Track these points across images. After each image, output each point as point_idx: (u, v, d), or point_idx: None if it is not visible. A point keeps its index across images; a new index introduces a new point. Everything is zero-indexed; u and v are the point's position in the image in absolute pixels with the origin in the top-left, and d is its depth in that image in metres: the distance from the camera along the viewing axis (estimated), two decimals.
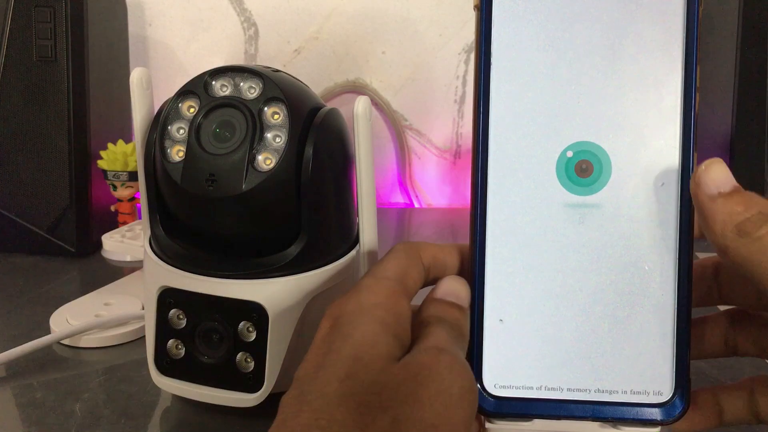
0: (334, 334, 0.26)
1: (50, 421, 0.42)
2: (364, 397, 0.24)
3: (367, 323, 0.26)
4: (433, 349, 0.26)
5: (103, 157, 0.72)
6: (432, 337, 0.27)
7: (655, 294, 0.28)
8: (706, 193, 0.26)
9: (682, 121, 0.28)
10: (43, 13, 0.68)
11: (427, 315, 0.28)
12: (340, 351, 0.25)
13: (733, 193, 0.26)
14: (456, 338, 0.27)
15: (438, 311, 0.28)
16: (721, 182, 0.26)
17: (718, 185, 0.26)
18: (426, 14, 0.92)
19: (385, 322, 0.26)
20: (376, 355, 0.25)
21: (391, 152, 0.96)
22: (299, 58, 0.93)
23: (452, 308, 0.29)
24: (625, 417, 0.28)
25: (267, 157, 0.37)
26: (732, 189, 0.26)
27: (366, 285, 0.28)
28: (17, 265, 0.69)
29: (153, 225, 0.41)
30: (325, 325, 0.27)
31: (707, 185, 0.26)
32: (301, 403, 0.24)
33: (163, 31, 0.92)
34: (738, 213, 0.26)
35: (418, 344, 0.27)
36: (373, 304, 0.27)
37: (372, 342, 0.25)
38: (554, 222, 0.28)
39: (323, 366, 0.25)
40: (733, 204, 0.26)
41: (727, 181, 0.26)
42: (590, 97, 0.28)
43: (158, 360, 0.40)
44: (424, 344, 0.26)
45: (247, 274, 0.38)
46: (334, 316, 0.27)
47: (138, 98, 0.40)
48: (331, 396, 0.24)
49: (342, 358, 0.25)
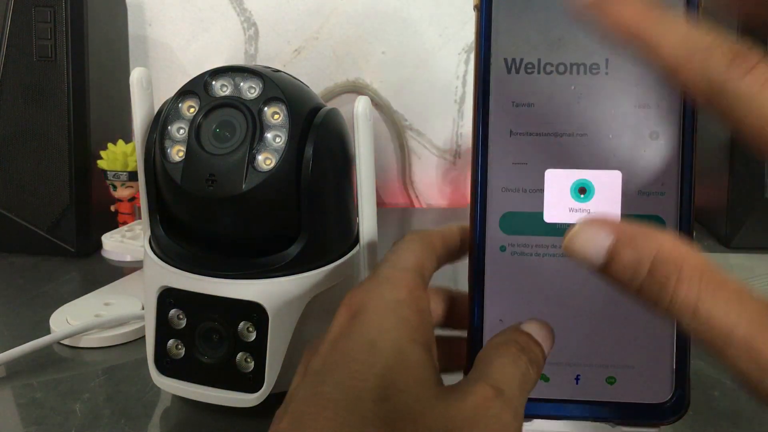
0: (356, 333, 0.25)
1: (50, 421, 0.42)
2: (400, 424, 0.22)
3: (393, 328, 0.24)
4: (490, 389, 0.24)
5: (103, 157, 0.72)
6: (498, 370, 0.24)
7: None
8: (592, 268, 0.21)
9: (682, 121, 0.28)
10: (43, 13, 0.68)
11: (507, 339, 0.26)
12: (370, 365, 0.23)
13: (610, 264, 0.21)
14: (525, 378, 0.25)
15: (521, 341, 0.26)
16: (591, 257, 0.21)
17: (590, 263, 0.21)
18: (426, 14, 0.92)
19: (412, 325, 0.25)
20: (412, 381, 0.23)
21: (391, 152, 0.96)
22: (299, 58, 0.93)
23: (536, 346, 0.26)
24: (625, 417, 0.28)
25: (267, 157, 0.37)
26: (605, 259, 0.21)
27: (386, 276, 0.27)
28: (17, 265, 0.69)
29: (153, 225, 0.41)
30: (343, 316, 0.26)
31: (584, 265, 0.21)
32: (319, 406, 0.23)
33: (163, 31, 0.92)
34: (629, 285, 0.21)
35: (482, 368, 0.25)
36: (397, 301, 0.25)
37: (404, 362, 0.24)
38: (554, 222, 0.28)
39: (351, 376, 0.23)
40: (619, 275, 0.21)
41: (597, 251, 0.21)
42: (590, 96, 0.28)
43: (158, 360, 0.40)
44: (486, 373, 0.24)
45: (247, 274, 0.38)
46: (354, 309, 0.25)
47: (138, 98, 0.40)
48: (365, 414, 0.22)
49: (375, 375, 0.23)
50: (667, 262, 0.20)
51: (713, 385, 0.46)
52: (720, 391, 0.45)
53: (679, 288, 0.20)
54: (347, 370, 0.24)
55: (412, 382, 0.23)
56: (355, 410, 0.22)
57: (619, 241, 0.21)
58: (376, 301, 0.25)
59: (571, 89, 0.28)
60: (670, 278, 0.20)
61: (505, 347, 0.26)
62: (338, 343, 0.25)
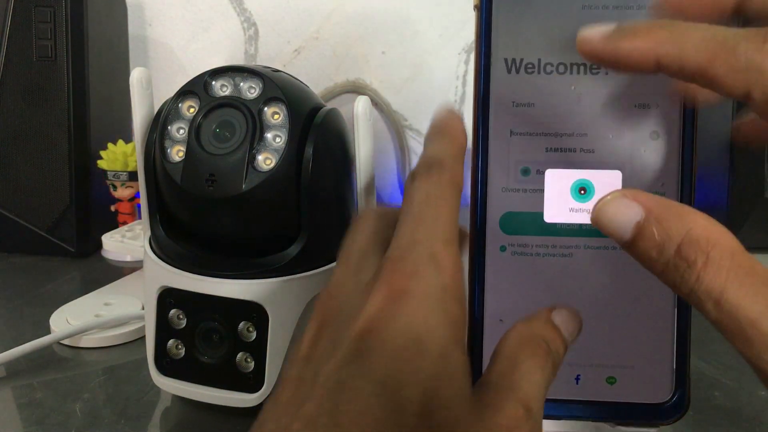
0: (401, 323, 0.21)
1: (50, 421, 0.42)
2: (442, 422, 0.20)
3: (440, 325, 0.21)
4: (521, 408, 0.22)
5: (103, 157, 0.72)
6: (526, 379, 0.23)
7: (655, 294, 0.28)
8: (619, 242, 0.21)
9: (682, 121, 0.28)
10: (43, 13, 0.68)
11: (536, 336, 0.24)
12: (416, 370, 0.20)
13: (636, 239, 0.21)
14: (548, 386, 0.23)
15: (550, 339, 0.24)
16: (618, 230, 0.21)
17: (617, 236, 0.21)
18: (426, 14, 0.92)
19: (456, 321, 0.22)
20: (453, 393, 0.21)
21: (391, 152, 0.96)
22: (299, 58, 0.93)
23: (562, 345, 0.24)
24: (625, 417, 0.28)
25: (267, 157, 0.37)
26: (632, 234, 0.20)
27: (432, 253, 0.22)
28: (17, 265, 0.69)
29: (153, 225, 0.41)
30: (383, 294, 0.21)
31: (611, 237, 0.21)
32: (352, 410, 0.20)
33: (163, 31, 0.92)
34: (654, 263, 0.20)
35: (509, 373, 0.23)
36: (443, 288, 0.22)
37: (448, 369, 0.21)
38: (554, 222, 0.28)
39: (395, 378, 0.20)
40: (644, 252, 0.20)
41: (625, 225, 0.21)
42: (590, 96, 0.28)
43: (158, 360, 0.40)
44: (515, 384, 0.22)
45: (247, 274, 0.38)
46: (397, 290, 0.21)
47: (138, 98, 0.40)
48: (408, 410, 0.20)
49: (419, 384, 0.20)
50: (695, 243, 0.19)
51: (713, 385, 0.46)
52: (720, 391, 0.45)
53: (705, 272, 0.19)
54: (390, 369, 0.20)
55: (453, 395, 0.21)
56: (395, 424, 0.19)
57: (649, 217, 0.20)
58: (423, 286, 0.21)
59: (571, 89, 0.28)
60: (697, 261, 0.19)
61: (534, 347, 0.23)
62: (378, 329, 0.21)
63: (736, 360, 0.50)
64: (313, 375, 0.21)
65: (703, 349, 0.51)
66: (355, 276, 0.24)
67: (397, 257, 0.22)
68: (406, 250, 0.22)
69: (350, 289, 0.24)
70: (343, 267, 0.25)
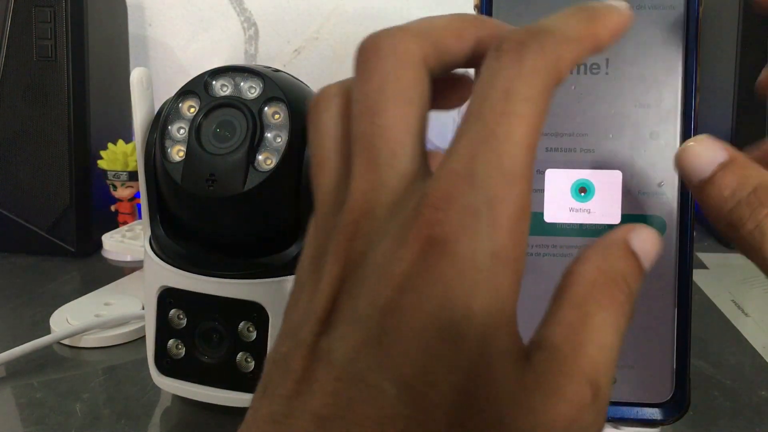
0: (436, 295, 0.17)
1: (50, 421, 0.42)
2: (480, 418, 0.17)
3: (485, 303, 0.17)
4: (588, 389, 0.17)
5: (103, 157, 0.72)
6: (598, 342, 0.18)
7: (655, 294, 0.28)
8: (690, 185, 0.22)
9: (682, 121, 0.28)
10: (43, 13, 0.68)
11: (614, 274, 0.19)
12: (449, 365, 0.17)
13: (719, 175, 0.21)
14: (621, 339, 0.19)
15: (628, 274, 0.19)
16: (701, 166, 0.22)
17: (697, 172, 0.22)
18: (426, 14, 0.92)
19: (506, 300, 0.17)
20: (493, 393, 0.17)
21: None
22: (299, 58, 0.93)
23: (640, 278, 0.19)
24: (625, 417, 0.28)
25: (267, 157, 0.37)
26: (715, 170, 0.21)
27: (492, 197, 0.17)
28: (17, 265, 0.69)
29: (153, 225, 0.41)
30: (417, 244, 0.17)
31: (686, 175, 0.22)
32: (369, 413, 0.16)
33: (163, 31, 0.92)
34: (724, 201, 0.21)
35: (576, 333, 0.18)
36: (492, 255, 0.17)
37: (489, 357, 0.17)
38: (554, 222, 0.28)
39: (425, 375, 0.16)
40: (719, 190, 0.21)
41: (709, 162, 0.22)
42: (590, 96, 0.28)
43: (158, 360, 0.40)
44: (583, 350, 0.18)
45: (247, 274, 0.38)
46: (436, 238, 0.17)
47: (138, 98, 0.40)
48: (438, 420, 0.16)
49: (453, 385, 0.16)
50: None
51: (713, 385, 0.46)
52: (720, 391, 0.45)
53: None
54: (418, 367, 0.16)
55: (493, 395, 0.17)
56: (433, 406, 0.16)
57: (733, 161, 0.22)
58: (468, 247, 0.17)
59: (571, 89, 0.28)
60: (765, 205, 0.21)
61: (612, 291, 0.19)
62: (404, 309, 0.17)
63: (736, 360, 0.50)
64: (328, 350, 0.17)
65: (703, 349, 0.51)
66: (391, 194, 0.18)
67: (441, 196, 0.17)
68: (456, 186, 0.17)
69: (382, 220, 0.18)
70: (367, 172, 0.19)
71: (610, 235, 0.20)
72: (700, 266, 0.68)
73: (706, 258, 0.70)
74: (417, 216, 0.17)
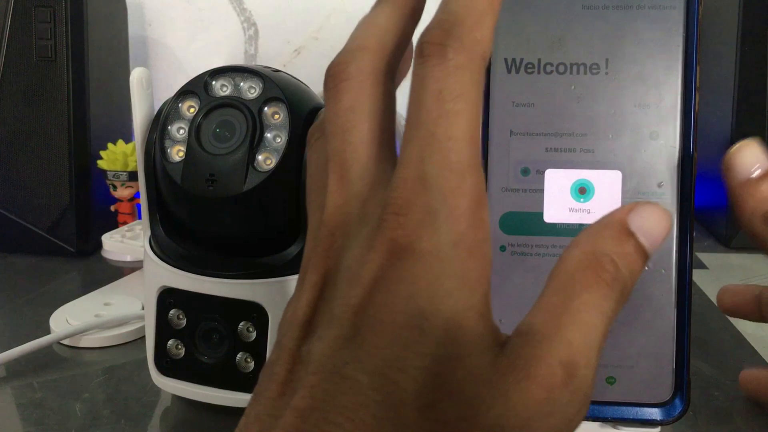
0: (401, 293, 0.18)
1: (50, 421, 0.42)
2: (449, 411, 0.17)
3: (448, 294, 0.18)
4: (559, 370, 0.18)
5: (103, 157, 0.72)
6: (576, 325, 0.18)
7: (654, 294, 0.28)
8: (737, 178, 0.25)
9: (682, 121, 0.28)
10: (43, 13, 0.68)
11: (600, 255, 0.19)
12: (417, 353, 0.17)
13: (765, 176, 0.24)
14: (610, 319, 0.19)
15: (620, 252, 0.19)
16: (751, 165, 0.25)
17: (749, 169, 0.25)
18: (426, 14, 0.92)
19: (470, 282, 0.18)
20: (464, 376, 0.18)
21: None
22: (299, 58, 0.93)
23: (639, 259, 0.19)
24: (625, 417, 0.28)
25: (267, 157, 0.37)
26: (763, 172, 0.24)
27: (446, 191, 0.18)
28: (17, 265, 0.69)
29: (153, 225, 0.41)
30: (383, 252, 0.18)
31: (737, 169, 0.25)
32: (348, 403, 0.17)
33: (163, 31, 0.92)
34: (766, 199, 0.24)
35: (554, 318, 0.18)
36: (453, 245, 0.18)
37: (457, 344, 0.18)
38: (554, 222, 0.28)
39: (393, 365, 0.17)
40: (764, 189, 0.24)
41: (759, 163, 0.24)
42: (590, 96, 0.28)
43: (158, 360, 0.40)
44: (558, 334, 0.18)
45: (247, 274, 0.38)
46: (400, 246, 0.18)
47: (138, 98, 0.40)
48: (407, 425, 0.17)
49: (422, 370, 0.17)
50: None
51: (713, 385, 0.46)
52: (720, 391, 0.45)
53: None
54: (388, 356, 0.17)
55: (464, 378, 0.18)
56: (394, 419, 0.17)
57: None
58: (430, 241, 0.18)
59: (571, 89, 0.28)
60: None
61: (596, 272, 0.19)
62: (374, 304, 0.18)
63: (736, 360, 0.50)
64: (308, 352, 0.19)
65: (703, 349, 0.51)
66: (360, 204, 0.20)
67: (400, 203, 0.18)
68: (412, 191, 0.18)
69: (354, 230, 0.20)
70: (339, 187, 0.20)
71: (607, 215, 0.20)
72: (700, 266, 0.68)
73: (706, 258, 0.70)
74: (381, 223, 0.18)
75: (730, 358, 0.50)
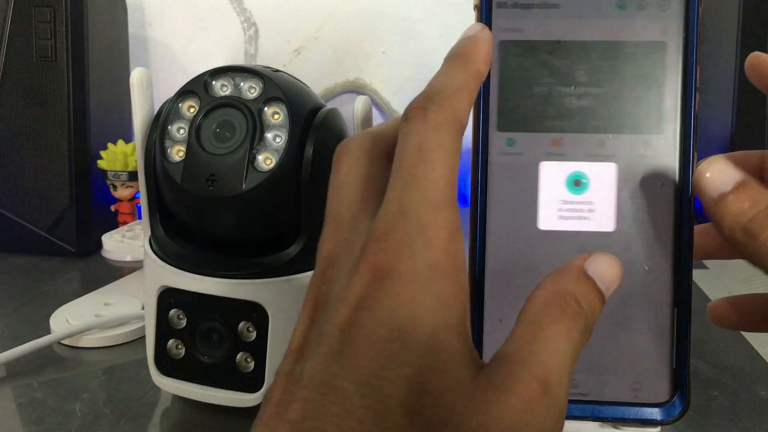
0: (383, 311, 0.20)
1: (50, 421, 0.42)
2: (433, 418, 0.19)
3: (427, 312, 0.20)
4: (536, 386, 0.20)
5: (103, 157, 0.72)
6: (547, 349, 0.20)
7: (654, 294, 0.28)
8: (710, 198, 0.25)
9: (682, 121, 0.28)
10: (43, 13, 0.68)
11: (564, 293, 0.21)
12: (400, 364, 0.19)
13: (737, 190, 0.24)
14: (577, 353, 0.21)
15: (582, 295, 0.22)
16: (721, 182, 0.24)
17: (717, 186, 0.25)
18: (426, 14, 0.92)
19: (447, 302, 0.20)
20: (445, 385, 0.19)
21: None
22: (299, 58, 0.93)
23: (597, 300, 0.22)
24: (625, 417, 0.28)
25: (267, 157, 0.37)
26: (734, 185, 0.24)
27: (420, 223, 0.20)
28: (17, 265, 0.69)
29: (153, 225, 0.41)
30: (367, 275, 0.20)
31: (707, 191, 0.25)
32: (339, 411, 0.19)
33: (163, 31, 0.92)
34: (743, 212, 0.24)
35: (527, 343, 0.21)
36: (431, 268, 0.20)
37: (438, 358, 0.19)
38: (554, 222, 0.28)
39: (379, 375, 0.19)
40: (739, 202, 0.24)
41: (728, 179, 0.24)
42: (589, 96, 0.28)
43: (158, 360, 0.40)
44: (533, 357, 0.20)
45: (247, 274, 0.38)
46: (381, 269, 0.20)
47: (138, 98, 0.40)
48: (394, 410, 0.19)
49: (406, 379, 0.19)
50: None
51: (713, 385, 0.46)
52: (720, 391, 0.45)
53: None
54: (373, 366, 0.19)
55: (446, 388, 0.19)
56: (381, 424, 0.19)
57: (747, 180, 0.24)
58: (409, 265, 0.20)
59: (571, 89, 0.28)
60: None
61: (561, 308, 0.21)
62: (360, 321, 0.20)
63: (736, 360, 0.50)
64: (300, 371, 0.20)
65: (703, 349, 0.51)
66: (348, 246, 0.22)
67: (381, 232, 0.21)
68: (392, 222, 0.21)
69: (342, 265, 0.22)
70: (332, 234, 0.23)
71: (566, 263, 0.23)
72: (700, 266, 0.68)
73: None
74: (364, 251, 0.21)
75: (730, 358, 0.50)
